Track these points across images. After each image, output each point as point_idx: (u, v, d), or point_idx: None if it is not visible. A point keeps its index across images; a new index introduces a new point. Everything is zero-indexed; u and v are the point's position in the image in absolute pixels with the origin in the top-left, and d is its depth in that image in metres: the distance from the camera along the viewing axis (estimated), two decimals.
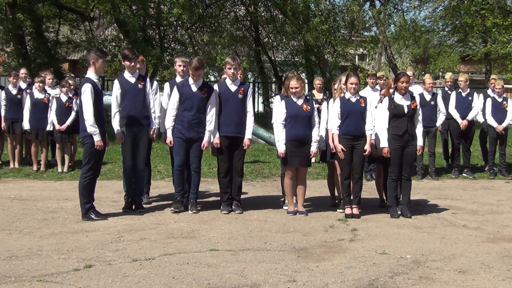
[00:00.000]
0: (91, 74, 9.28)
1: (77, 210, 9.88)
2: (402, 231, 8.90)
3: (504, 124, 14.11)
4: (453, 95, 14.23)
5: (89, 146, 9.20)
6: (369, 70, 15.67)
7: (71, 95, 14.17)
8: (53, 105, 13.92)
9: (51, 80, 15.07)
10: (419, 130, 10.01)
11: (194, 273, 6.59)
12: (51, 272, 6.58)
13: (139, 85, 9.87)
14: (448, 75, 14.92)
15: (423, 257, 7.46)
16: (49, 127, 14.05)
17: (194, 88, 9.86)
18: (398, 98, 9.84)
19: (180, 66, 10.35)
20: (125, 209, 10.02)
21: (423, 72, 34.10)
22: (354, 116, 9.81)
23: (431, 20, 30.90)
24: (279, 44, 26.85)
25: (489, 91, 14.55)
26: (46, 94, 14.27)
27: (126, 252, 7.43)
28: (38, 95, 14.14)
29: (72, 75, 21.48)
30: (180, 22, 23.73)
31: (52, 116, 13.94)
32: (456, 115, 14.13)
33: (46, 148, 14.38)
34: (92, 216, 9.25)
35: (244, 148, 10.00)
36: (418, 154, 10.20)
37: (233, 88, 9.99)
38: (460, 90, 14.23)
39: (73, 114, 13.96)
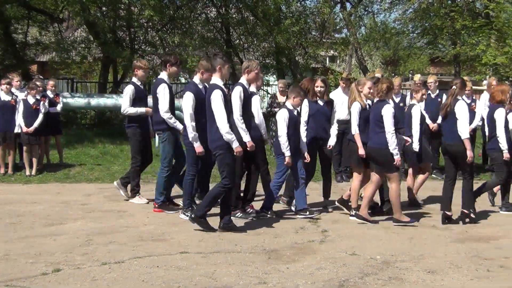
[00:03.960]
0: (217, 79, 8.81)
1: (45, 213, 9.81)
2: (372, 232, 8.93)
3: (473, 126, 14.20)
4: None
5: (224, 156, 8.64)
6: (343, 73, 15.69)
7: (38, 97, 13.99)
8: (20, 107, 13.74)
9: (18, 82, 14.86)
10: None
11: (164, 276, 6.55)
12: (19, 276, 6.50)
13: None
14: (417, 77, 14.99)
15: (393, 257, 7.49)
16: (16, 130, 13.85)
17: None
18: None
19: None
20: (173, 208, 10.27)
21: (393, 74, 34.29)
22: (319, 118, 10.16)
23: (401, 22, 31.06)
24: (250, 45, 26.79)
25: None
26: (13, 96, 14.08)
27: (95, 256, 7.36)
28: (5, 97, 13.92)
29: (41, 77, 21.23)
30: (151, 24, 23.60)
31: (19, 119, 13.75)
32: (425, 116, 14.20)
33: (13, 150, 14.17)
34: (204, 223, 8.81)
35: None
36: None
37: None
38: (429, 91, 14.31)
39: (40, 116, 13.81)
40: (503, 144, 10.17)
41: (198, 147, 9.15)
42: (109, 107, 21.40)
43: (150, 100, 10.78)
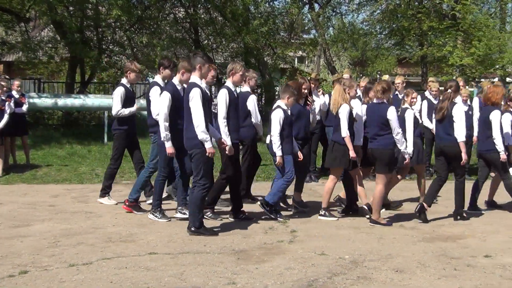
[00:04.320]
0: (196, 78, 8.71)
1: (12, 214, 9.71)
2: (340, 232, 8.97)
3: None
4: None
5: (201, 155, 8.54)
6: (312, 74, 15.72)
7: (3, 98, 13.82)
8: None
9: None
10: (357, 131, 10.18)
11: (132, 277, 6.52)
12: None
13: None
14: (385, 78, 15.08)
15: (361, 257, 7.53)
16: None
17: None
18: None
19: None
20: None
21: (361, 75, 34.43)
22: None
23: (369, 23, 31.21)
24: (218, 46, 26.77)
25: (426, 93, 14.75)
26: None
27: (63, 257, 7.29)
28: None
29: (7, 77, 20.99)
30: (118, 24, 23.46)
31: None
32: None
33: None
34: (203, 231, 8.64)
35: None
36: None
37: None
38: (396, 92, 14.39)
39: (6, 117, 13.65)
40: (500, 146, 10.36)
41: (169, 147, 9.08)
42: (76, 108, 21.27)
43: (143, 102, 10.72)
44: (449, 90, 10.09)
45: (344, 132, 9.74)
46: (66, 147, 18.16)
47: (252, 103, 10.69)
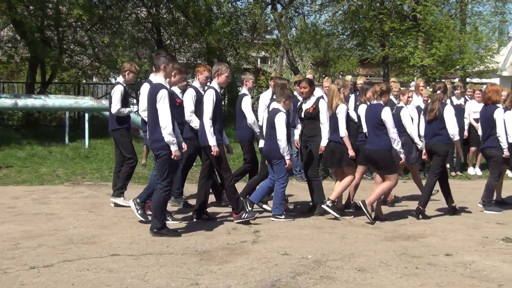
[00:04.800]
0: (160, 79, 8.59)
1: None
2: (303, 232, 8.99)
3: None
4: (352, 98, 14.45)
5: (167, 157, 8.45)
6: (273, 74, 15.76)
7: None
8: None
9: None
10: (324, 131, 10.27)
11: (94, 279, 6.46)
12: None
13: None
14: (348, 78, 15.17)
15: (324, 256, 7.56)
16: None
17: None
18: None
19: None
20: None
21: (323, 75, 34.59)
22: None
23: (331, 24, 31.34)
24: (181, 46, 26.71)
25: None
26: None
27: (23, 260, 7.20)
28: None
29: None
30: (79, 23, 23.25)
31: None
32: (355, 116, 14.34)
33: None
34: (166, 232, 8.57)
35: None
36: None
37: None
38: (358, 92, 14.47)
39: None
40: (504, 143, 10.67)
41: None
42: (37, 108, 21.02)
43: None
44: (438, 92, 10.44)
45: (343, 131, 9.96)
46: (27, 148, 17.97)
47: (246, 104, 10.70)
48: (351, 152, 9.93)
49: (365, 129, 10.43)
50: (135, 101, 23.60)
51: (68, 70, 23.98)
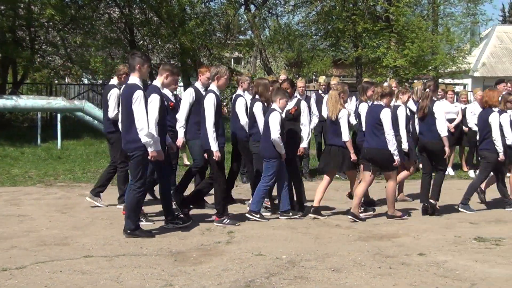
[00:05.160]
0: (135, 79, 8.50)
1: None
2: (277, 232, 8.99)
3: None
4: (325, 98, 14.49)
5: (141, 158, 8.40)
6: (246, 74, 15.75)
7: None
8: None
9: None
10: (304, 132, 10.46)
11: (67, 281, 6.41)
12: None
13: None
14: (322, 79, 15.22)
15: (298, 257, 7.57)
16: None
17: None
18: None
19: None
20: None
21: (297, 76, 34.65)
22: None
23: (304, 24, 31.43)
24: (154, 46, 26.64)
25: None
26: None
27: None
28: None
29: None
30: (52, 23, 23.11)
31: None
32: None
33: None
34: (139, 233, 8.50)
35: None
36: (299, 154, 10.48)
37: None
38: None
39: None
40: (500, 147, 10.80)
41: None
42: (8, 109, 20.86)
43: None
44: (427, 90, 10.68)
45: (346, 136, 10.05)
46: None
47: (239, 105, 10.62)
48: (353, 156, 10.07)
49: (364, 128, 10.70)
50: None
51: (40, 70, 23.85)
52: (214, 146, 9.26)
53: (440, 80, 27.62)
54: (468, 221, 10.10)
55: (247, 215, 9.84)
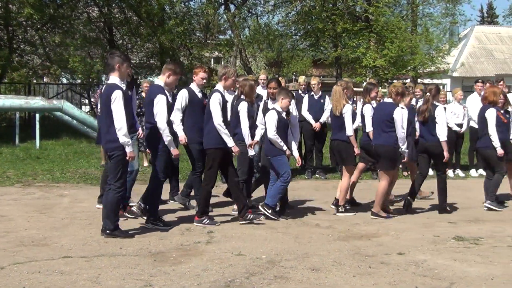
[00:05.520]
0: (115, 79, 8.45)
1: None
2: (257, 232, 8.99)
3: (354, 126, 14.56)
4: (305, 98, 14.53)
5: (121, 158, 8.35)
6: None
7: None
8: None
9: None
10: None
11: (46, 282, 6.37)
12: None
13: (129, 93, 9.43)
14: (302, 78, 15.23)
15: (278, 256, 7.57)
16: None
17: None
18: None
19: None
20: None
21: (277, 76, 34.69)
22: None
23: (284, 24, 31.49)
24: (133, 46, 26.55)
25: None
26: None
27: None
28: None
29: None
30: (30, 23, 22.96)
31: None
32: (309, 117, 14.42)
33: None
34: (118, 234, 8.45)
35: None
36: None
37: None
38: (312, 93, 14.54)
39: None
40: (496, 142, 10.97)
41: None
42: None
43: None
44: (428, 94, 10.83)
45: (350, 130, 10.33)
46: None
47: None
48: (357, 150, 10.39)
49: (367, 129, 10.90)
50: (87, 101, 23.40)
51: (18, 69, 23.66)
52: (230, 142, 9.34)
53: (419, 80, 27.78)
54: (447, 220, 10.16)
55: (259, 207, 9.92)
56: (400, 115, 10.06)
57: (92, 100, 20.24)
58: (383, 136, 10.11)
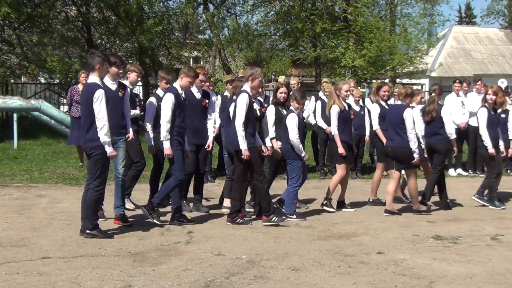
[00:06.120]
0: (95, 78, 8.42)
1: None
2: (237, 232, 8.99)
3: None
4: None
5: (100, 157, 8.34)
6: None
7: None
8: None
9: None
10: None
11: (24, 283, 6.33)
12: None
13: (120, 93, 9.33)
14: (282, 78, 15.23)
15: (258, 256, 7.57)
16: None
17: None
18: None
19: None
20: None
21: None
22: None
23: (263, 24, 31.55)
24: (112, 45, 26.39)
25: (320, 94, 14.94)
26: None
27: None
28: None
29: None
30: (7, 22, 22.76)
31: None
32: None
33: None
34: (98, 234, 8.40)
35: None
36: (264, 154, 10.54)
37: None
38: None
39: None
40: (487, 141, 11.17)
41: (167, 148, 9.07)
42: None
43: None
44: (433, 94, 11.16)
45: (333, 130, 10.65)
46: None
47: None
48: (340, 150, 10.53)
49: (374, 127, 11.58)
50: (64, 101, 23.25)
51: None
52: (243, 144, 9.33)
53: (398, 80, 27.91)
54: (426, 219, 10.22)
55: (283, 217, 9.87)
56: (410, 115, 10.30)
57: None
58: (399, 139, 10.40)
